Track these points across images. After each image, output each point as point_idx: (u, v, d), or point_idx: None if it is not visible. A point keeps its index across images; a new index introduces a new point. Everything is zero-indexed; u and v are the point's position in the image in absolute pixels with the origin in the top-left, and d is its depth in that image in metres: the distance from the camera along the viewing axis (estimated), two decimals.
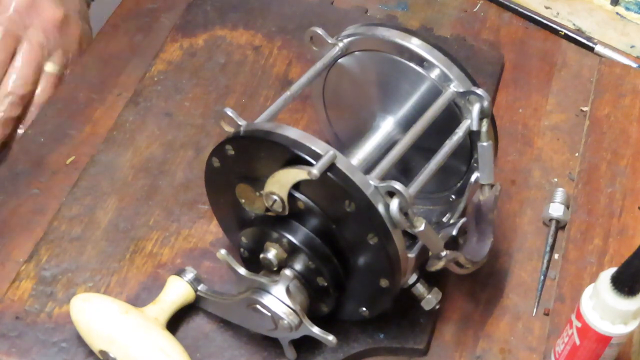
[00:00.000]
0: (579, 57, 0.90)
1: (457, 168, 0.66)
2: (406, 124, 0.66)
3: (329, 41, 0.66)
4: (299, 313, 0.60)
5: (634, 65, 0.89)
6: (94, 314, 0.63)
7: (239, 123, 0.61)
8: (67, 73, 0.84)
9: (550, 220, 0.75)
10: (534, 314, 0.70)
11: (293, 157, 0.57)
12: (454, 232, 0.62)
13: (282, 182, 0.58)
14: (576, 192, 0.77)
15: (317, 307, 0.63)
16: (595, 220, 0.75)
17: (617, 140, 0.81)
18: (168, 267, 0.70)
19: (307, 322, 0.61)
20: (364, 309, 0.63)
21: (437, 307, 0.63)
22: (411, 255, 0.59)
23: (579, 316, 0.60)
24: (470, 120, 0.62)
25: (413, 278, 0.62)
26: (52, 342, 0.65)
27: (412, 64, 0.64)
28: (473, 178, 0.64)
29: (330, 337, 0.60)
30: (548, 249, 0.73)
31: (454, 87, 0.63)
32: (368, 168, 0.63)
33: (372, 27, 0.65)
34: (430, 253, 0.60)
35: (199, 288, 0.65)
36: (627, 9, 0.90)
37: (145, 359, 0.61)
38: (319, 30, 0.66)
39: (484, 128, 0.62)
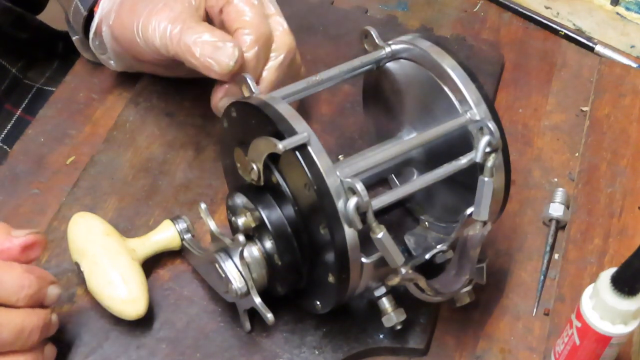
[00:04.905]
0: (579, 57, 0.90)
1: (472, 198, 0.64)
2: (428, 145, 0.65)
3: (378, 43, 0.66)
4: (248, 282, 0.62)
5: (634, 65, 0.89)
6: (81, 227, 0.67)
7: (253, 90, 0.63)
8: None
9: (550, 220, 0.75)
10: (534, 314, 0.70)
11: (275, 130, 0.58)
12: (427, 257, 0.62)
13: (258, 151, 0.59)
14: (576, 192, 0.77)
15: (274, 286, 0.64)
16: (595, 220, 0.75)
17: (617, 140, 0.81)
18: (168, 267, 0.70)
19: (253, 292, 0.62)
20: (318, 302, 0.63)
21: (399, 327, 0.63)
22: (365, 260, 0.59)
23: (579, 316, 0.60)
24: (476, 152, 0.61)
25: (381, 290, 0.62)
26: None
27: (448, 92, 0.63)
28: (468, 211, 0.62)
29: (269, 315, 0.62)
30: (548, 249, 0.73)
31: (470, 115, 0.62)
32: (366, 172, 0.63)
33: (419, 39, 0.65)
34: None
35: (185, 237, 0.68)
36: (627, 9, 0.90)
37: (103, 279, 0.64)
38: (372, 31, 0.66)
39: (489, 163, 0.61)
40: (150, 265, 0.69)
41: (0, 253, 0.60)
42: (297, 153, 0.57)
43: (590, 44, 0.90)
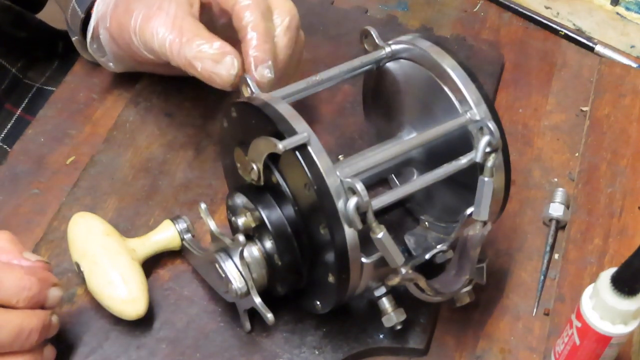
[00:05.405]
0: (579, 57, 0.90)
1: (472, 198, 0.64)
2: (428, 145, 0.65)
3: (378, 43, 0.66)
4: (248, 282, 0.62)
5: (634, 65, 0.89)
6: (81, 227, 0.67)
7: (253, 90, 0.63)
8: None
9: (550, 220, 0.75)
10: (534, 314, 0.70)
11: (275, 130, 0.58)
12: (427, 257, 0.62)
13: (258, 151, 0.59)
14: (576, 192, 0.77)
15: (274, 286, 0.64)
16: (595, 220, 0.75)
17: (617, 140, 0.81)
18: (168, 267, 0.70)
19: (253, 292, 0.62)
20: (318, 302, 0.63)
21: (399, 327, 0.63)
22: (365, 260, 0.59)
23: (579, 316, 0.60)
24: (476, 152, 0.61)
25: (381, 290, 0.62)
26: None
27: (448, 92, 0.63)
28: (468, 211, 0.62)
29: (269, 315, 0.62)
30: (548, 249, 0.74)
31: (470, 115, 0.62)
32: (366, 172, 0.63)
33: (419, 39, 0.65)
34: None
35: (185, 237, 0.68)
36: (627, 9, 0.90)
37: (103, 278, 0.65)
38: (372, 31, 0.66)
39: (490, 163, 0.61)
40: (150, 265, 0.69)
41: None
42: (297, 153, 0.57)
43: (590, 44, 0.90)
